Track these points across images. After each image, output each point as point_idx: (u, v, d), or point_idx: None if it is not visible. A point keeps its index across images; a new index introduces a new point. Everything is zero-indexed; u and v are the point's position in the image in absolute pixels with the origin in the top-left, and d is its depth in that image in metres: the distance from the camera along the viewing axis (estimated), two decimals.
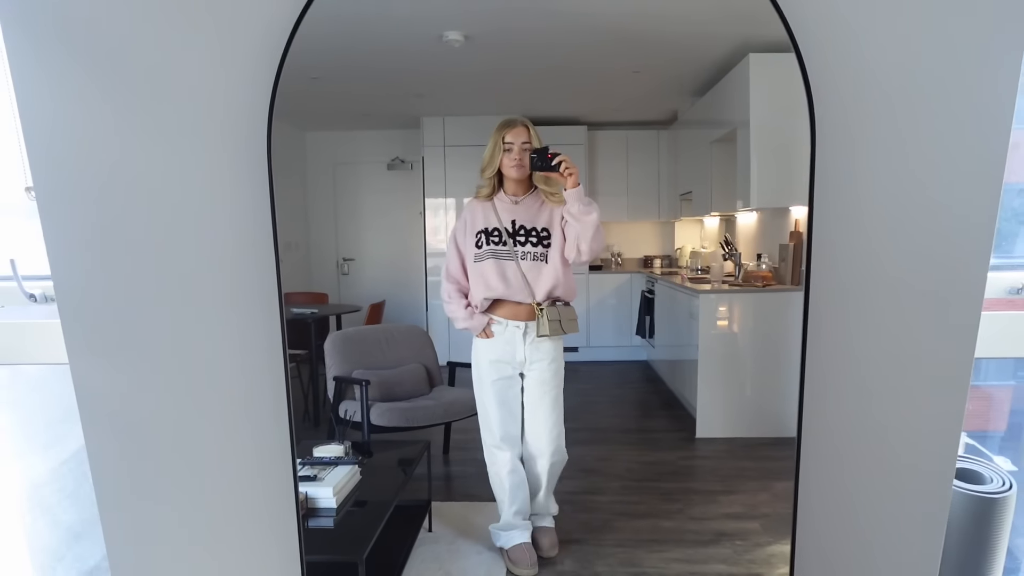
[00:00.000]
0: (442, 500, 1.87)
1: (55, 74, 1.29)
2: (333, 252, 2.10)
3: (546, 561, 1.68)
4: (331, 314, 2.00)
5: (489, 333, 1.69)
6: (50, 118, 1.31)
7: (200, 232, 1.36)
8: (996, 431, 2.33)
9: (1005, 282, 1.63)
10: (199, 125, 1.32)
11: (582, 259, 1.62)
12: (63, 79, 1.29)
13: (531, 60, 1.73)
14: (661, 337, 2.18)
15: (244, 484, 1.47)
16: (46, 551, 2.08)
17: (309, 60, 1.31)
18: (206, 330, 1.40)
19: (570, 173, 1.54)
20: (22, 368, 1.98)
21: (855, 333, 1.36)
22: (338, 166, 2.10)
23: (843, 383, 1.38)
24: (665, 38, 1.60)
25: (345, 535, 1.60)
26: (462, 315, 1.70)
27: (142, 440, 1.44)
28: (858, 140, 1.28)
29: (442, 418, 1.93)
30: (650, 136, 2.14)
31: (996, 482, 1.67)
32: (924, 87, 1.25)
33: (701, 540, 1.71)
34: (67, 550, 2.08)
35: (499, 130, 1.61)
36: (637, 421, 2.16)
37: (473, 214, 1.67)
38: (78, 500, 2.09)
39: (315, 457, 1.67)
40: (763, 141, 1.73)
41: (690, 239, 2.22)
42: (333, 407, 1.85)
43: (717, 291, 1.95)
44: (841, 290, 1.34)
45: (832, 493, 1.43)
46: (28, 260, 1.61)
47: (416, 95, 1.95)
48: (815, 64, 1.25)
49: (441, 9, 1.52)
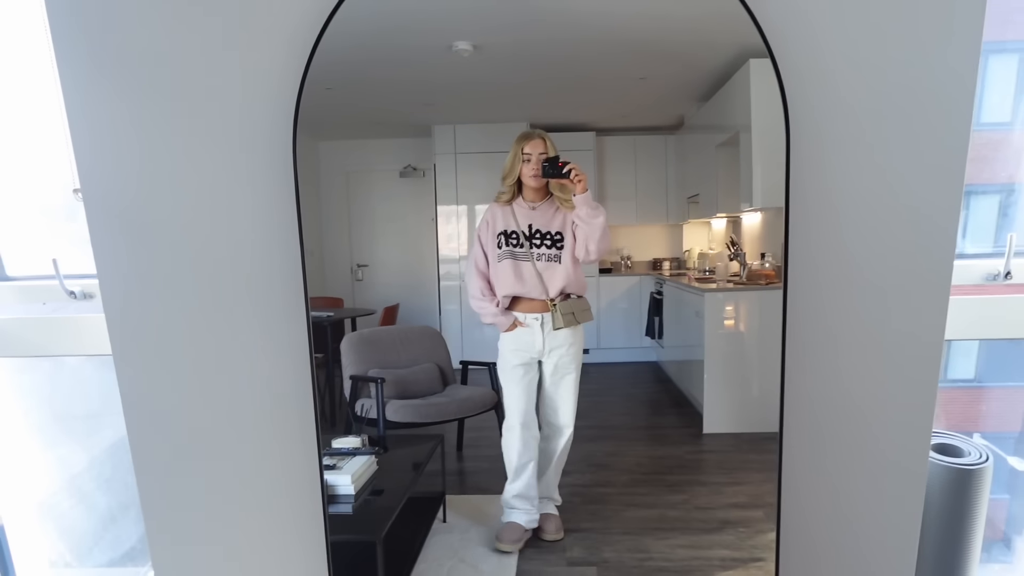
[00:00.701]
0: (456, 493, 1.93)
1: (102, 83, 1.38)
2: (347, 258, 2.13)
3: (554, 546, 1.75)
4: (346, 317, 2.04)
5: (514, 328, 1.78)
6: (96, 124, 1.40)
7: (232, 235, 1.46)
8: (1011, 431, 2.33)
9: (983, 269, 1.70)
10: (231, 134, 1.41)
11: (590, 259, 1.73)
12: (110, 87, 1.38)
13: (539, 69, 1.78)
14: (670, 337, 2.20)
15: (273, 472, 1.56)
16: (84, 534, 2.15)
17: (323, 71, 1.37)
18: (237, 327, 1.50)
19: (579, 180, 1.65)
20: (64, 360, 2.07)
21: (831, 321, 1.45)
22: (351, 174, 2.13)
23: (821, 368, 1.47)
24: (669, 45, 1.65)
25: (364, 519, 1.67)
26: (491, 311, 1.80)
27: (179, 430, 1.54)
28: (830, 141, 1.38)
29: (455, 414, 1.98)
30: (658, 141, 2.17)
31: (974, 455, 1.77)
32: (890, 91, 1.34)
33: (706, 528, 1.76)
34: (104, 531, 2.15)
35: (518, 142, 1.72)
36: (646, 419, 2.19)
37: (494, 217, 1.78)
38: (114, 486, 2.16)
39: (334, 448, 1.75)
40: (764, 143, 1.75)
41: (698, 241, 2.23)
42: (350, 404, 1.91)
43: (722, 290, 1.99)
44: (817, 283, 1.43)
45: (814, 471, 1.52)
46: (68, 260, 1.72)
47: (427, 104, 1.99)
48: (789, 69, 1.34)
49: (451, 20, 1.57)
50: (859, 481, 1.52)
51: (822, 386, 1.48)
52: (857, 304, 1.43)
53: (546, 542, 1.79)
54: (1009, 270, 1.68)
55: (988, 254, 1.79)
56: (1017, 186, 1.98)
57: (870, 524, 1.54)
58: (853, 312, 1.44)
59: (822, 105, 1.36)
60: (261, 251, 1.46)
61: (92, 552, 2.20)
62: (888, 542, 1.54)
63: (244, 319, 1.49)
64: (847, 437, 1.50)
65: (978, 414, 2.38)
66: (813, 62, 1.35)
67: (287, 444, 1.54)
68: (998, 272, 1.69)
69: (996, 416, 2.38)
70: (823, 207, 1.40)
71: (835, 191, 1.39)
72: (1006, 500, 2.31)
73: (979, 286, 1.72)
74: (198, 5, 1.36)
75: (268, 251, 1.46)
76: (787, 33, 1.34)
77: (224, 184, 1.43)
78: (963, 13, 1.30)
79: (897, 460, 1.50)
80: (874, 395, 1.47)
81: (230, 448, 1.55)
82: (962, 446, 1.82)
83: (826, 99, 1.36)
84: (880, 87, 1.34)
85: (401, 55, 1.69)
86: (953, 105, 1.33)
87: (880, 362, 1.45)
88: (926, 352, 1.44)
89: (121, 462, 1.51)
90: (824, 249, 1.42)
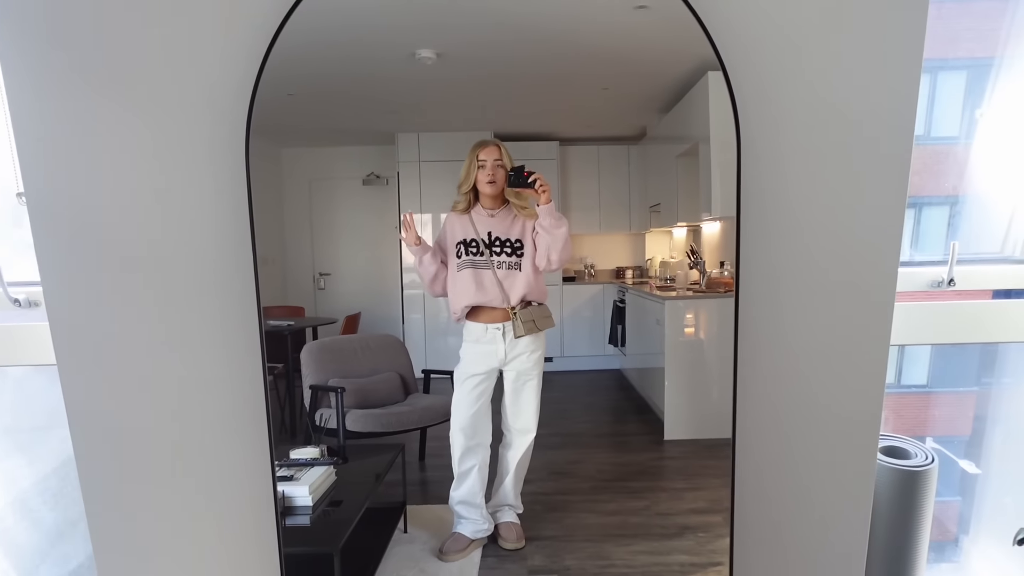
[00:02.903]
0: (418, 503, 1.91)
1: (48, 85, 1.34)
2: (309, 267, 2.11)
3: (516, 555, 1.74)
4: (307, 326, 2.01)
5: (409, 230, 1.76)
6: (42, 127, 1.36)
7: (183, 242, 1.43)
8: (961, 436, 2.39)
9: (929, 276, 1.76)
10: (182, 138, 1.38)
11: (551, 268, 1.75)
12: (55, 90, 1.35)
13: (502, 77, 1.80)
14: (632, 345, 2.23)
15: (225, 483, 1.53)
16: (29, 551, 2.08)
17: (285, 77, 1.36)
18: (188, 335, 1.46)
19: (543, 190, 1.66)
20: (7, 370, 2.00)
21: (782, 327, 1.49)
22: (314, 182, 2.11)
23: (773, 373, 1.52)
24: (631, 56, 1.67)
25: (321, 530, 1.65)
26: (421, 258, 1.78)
27: (127, 443, 1.49)
28: (779, 153, 1.43)
29: (417, 423, 1.97)
30: (620, 151, 2.20)
31: (920, 457, 1.84)
32: (837, 105, 1.40)
33: (666, 533, 1.78)
34: (51, 548, 2.08)
35: (473, 150, 1.73)
36: (609, 426, 2.21)
37: (452, 227, 1.78)
38: (61, 501, 2.09)
39: (291, 459, 1.72)
40: (723, 154, 1.78)
41: (660, 250, 2.27)
42: (309, 414, 1.88)
43: (682, 298, 2.02)
44: (768, 290, 1.48)
45: (767, 475, 1.56)
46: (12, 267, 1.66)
47: (390, 112, 1.99)
48: (740, 82, 1.39)
49: (413, 27, 1.57)
50: (810, 482, 1.56)
51: (773, 391, 1.52)
52: (807, 310, 1.48)
53: (507, 551, 1.78)
54: (952, 277, 1.75)
55: (935, 262, 1.86)
56: (962, 197, 2.06)
57: (821, 524, 1.58)
58: (803, 318, 1.48)
59: (772, 118, 1.40)
60: (213, 258, 1.43)
61: (39, 570, 2.12)
62: (839, 542, 1.58)
63: (195, 328, 1.46)
64: (798, 440, 1.54)
65: (930, 419, 2.44)
66: (764, 76, 1.39)
67: (240, 456, 1.51)
68: (942, 279, 1.76)
69: (947, 420, 2.45)
70: (773, 216, 1.44)
71: (785, 201, 1.43)
72: (957, 502, 2.37)
73: (929, 292, 1.79)
74: (148, 9, 1.33)
75: (221, 258, 1.43)
76: (739, 47, 1.38)
77: (175, 190, 1.40)
78: (906, 31, 1.35)
79: (846, 461, 1.54)
80: (824, 398, 1.51)
81: (180, 461, 1.51)
82: (909, 448, 1.88)
83: (776, 112, 1.40)
84: (827, 100, 1.39)
85: (364, 62, 1.69)
86: (896, 118, 1.39)
87: (829, 366, 1.50)
88: (873, 356, 1.49)
89: (68, 476, 1.46)
90: (775, 257, 1.46)
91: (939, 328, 1.81)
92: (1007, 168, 1.97)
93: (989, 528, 2.28)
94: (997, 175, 2.00)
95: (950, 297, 1.82)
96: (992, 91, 1.95)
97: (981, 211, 2.04)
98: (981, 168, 2.02)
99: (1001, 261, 1.94)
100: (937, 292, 1.79)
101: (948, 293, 1.79)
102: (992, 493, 2.29)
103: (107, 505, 1.51)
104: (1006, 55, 1.92)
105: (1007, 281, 1.89)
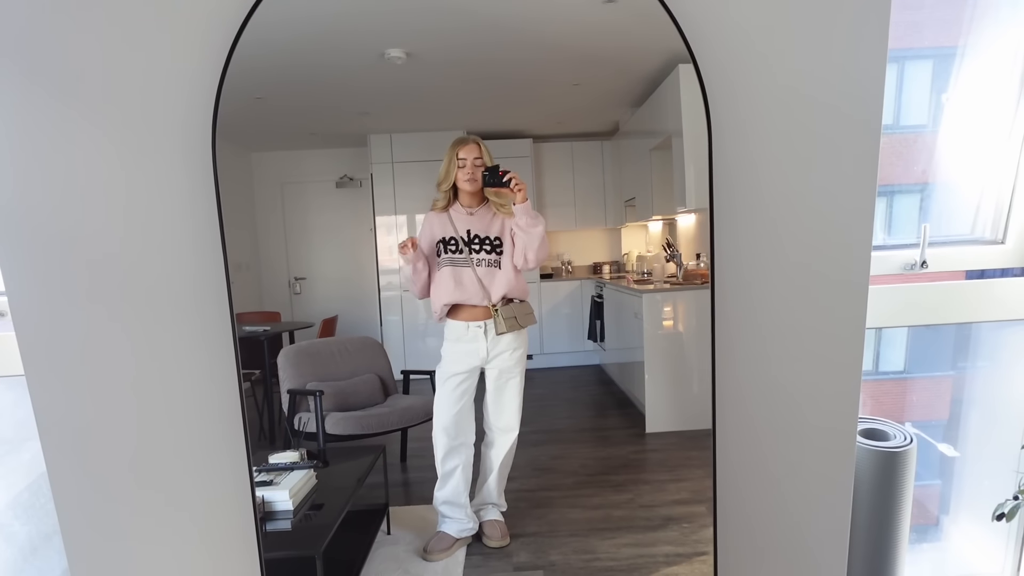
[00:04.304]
0: (400, 504, 1.90)
1: (8, 91, 1.32)
2: (284, 271, 2.08)
3: (500, 552, 1.74)
4: (284, 331, 1.99)
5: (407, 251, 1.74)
6: (4, 137, 1.33)
7: (152, 250, 1.41)
8: (939, 420, 2.43)
9: (902, 259, 1.79)
10: (146, 143, 1.36)
11: (528, 267, 1.74)
12: (16, 95, 1.32)
13: (473, 75, 1.79)
14: (611, 340, 2.23)
15: (203, 491, 1.51)
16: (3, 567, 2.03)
17: (252, 79, 1.34)
18: (161, 343, 1.44)
19: (519, 189, 1.66)
20: None
21: (759, 315, 1.51)
22: (286, 185, 2.08)
23: (750, 361, 1.54)
24: (601, 52, 1.67)
25: (303, 534, 1.62)
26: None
27: (100, 453, 1.46)
28: (751, 143, 1.44)
29: (397, 424, 1.95)
30: (594, 147, 2.20)
31: (899, 438, 1.87)
32: (806, 94, 1.42)
33: (650, 525, 1.79)
34: (25, 563, 2.03)
35: (453, 147, 1.72)
36: (591, 421, 2.20)
37: (432, 225, 1.77)
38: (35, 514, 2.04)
39: (270, 464, 1.69)
40: (695, 146, 1.79)
41: (636, 244, 2.27)
42: (288, 419, 1.86)
43: (659, 290, 2.03)
44: (743, 279, 1.50)
45: (748, 462, 1.58)
46: None
47: (362, 113, 1.98)
48: (711, 74, 1.41)
49: (382, 27, 1.56)
50: (792, 468, 1.58)
51: (752, 378, 1.53)
52: (783, 298, 1.49)
53: (492, 549, 1.78)
54: (924, 259, 1.78)
55: (907, 244, 1.89)
56: (931, 183, 2.09)
57: (804, 509, 1.60)
58: (779, 305, 1.49)
59: (743, 109, 1.42)
60: (184, 265, 1.41)
61: None
62: (821, 525, 1.60)
63: (168, 336, 1.44)
64: (778, 426, 1.55)
65: (908, 404, 2.47)
66: (734, 67, 1.41)
67: (217, 463, 1.49)
68: (915, 262, 1.79)
69: (925, 405, 2.49)
70: (746, 207, 1.46)
71: (757, 191, 1.45)
72: (937, 485, 2.40)
73: (902, 275, 1.82)
74: (107, 11, 1.31)
75: (192, 265, 1.41)
76: (709, 39, 1.40)
77: (142, 198, 1.38)
78: (871, 21, 1.38)
79: (826, 446, 1.56)
80: (802, 383, 1.53)
81: (156, 470, 1.48)
82: (888, 430, 1.91)
83: (746, 103, 1.42)
84: (797, 91, 1.42)
85: (332, 63, 1.67)
86: (864, 107, 1.41)
87: (807, 351, 1.52)
88: (850, 339, 1.51)
89: (41, 489, 1.42)
90: (749, 246, 1.47)
91: (914, 310, 1.84)
92: (974, 152, 2.01)
93: (969, 507, 2.32)
94: (964, 159, 2.03)
95: (924, 279, 1.85)
96: (956, 78, 1.99)
97: (951, 195, 2.08)
98: (949, 153, 2.05)
99: (972, 243, 1.98)
100: (911, 275, 1.82)
101: (922, 275, 1.82)
102: (970, 474, 2.32)
103: (82, 518, 1.48)
104: (968, 43, 1.95)
105: (979, 261, 1.93)
